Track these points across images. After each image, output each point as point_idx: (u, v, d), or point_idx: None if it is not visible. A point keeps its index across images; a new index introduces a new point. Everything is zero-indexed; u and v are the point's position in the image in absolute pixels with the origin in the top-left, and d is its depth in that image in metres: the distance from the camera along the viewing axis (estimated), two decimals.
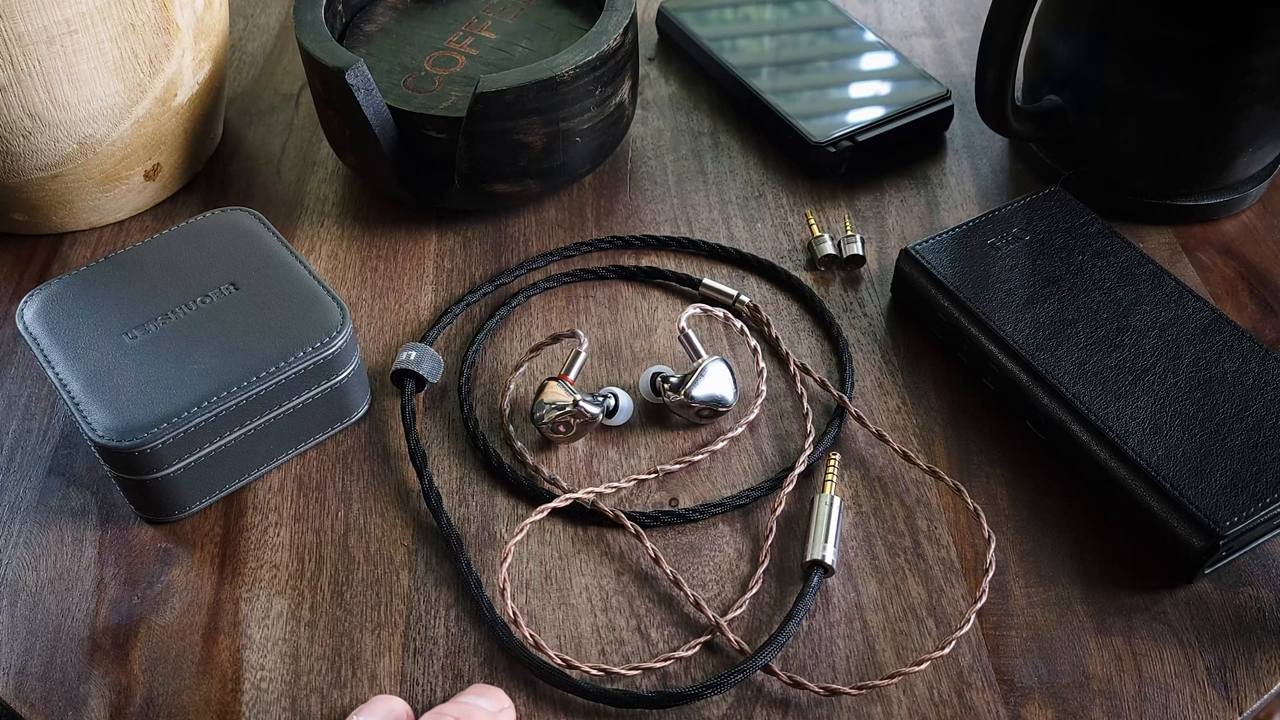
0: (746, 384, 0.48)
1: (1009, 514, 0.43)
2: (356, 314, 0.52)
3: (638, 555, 0.42)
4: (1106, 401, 0.43)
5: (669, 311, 0.51)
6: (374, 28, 0.58)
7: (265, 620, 0.40)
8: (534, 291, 0.52)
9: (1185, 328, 0.46)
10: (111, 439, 0.39)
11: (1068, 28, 0.52)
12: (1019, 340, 0.45)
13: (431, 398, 0.48)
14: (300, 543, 0.43)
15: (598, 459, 0.45)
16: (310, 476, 0.45)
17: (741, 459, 0.45)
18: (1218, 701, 0.38)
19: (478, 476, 0.45)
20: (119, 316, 0.43)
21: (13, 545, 0.43)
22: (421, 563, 0.42)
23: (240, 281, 0.45)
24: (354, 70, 0.49)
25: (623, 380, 0.48)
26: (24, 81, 0.48)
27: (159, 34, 0.51)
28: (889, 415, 0.47)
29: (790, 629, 0.39)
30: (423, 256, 0.54)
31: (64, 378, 0.41)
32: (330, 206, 0.57)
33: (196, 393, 0.41)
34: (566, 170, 0.53)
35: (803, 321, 0.51)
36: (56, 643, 0.40)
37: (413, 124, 0.52)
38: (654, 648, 0.40)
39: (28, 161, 0.51)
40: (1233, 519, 0.39)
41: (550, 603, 0.41)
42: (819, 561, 0.40)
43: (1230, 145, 0.52)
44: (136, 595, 0.41)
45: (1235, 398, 0.43)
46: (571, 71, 0.49)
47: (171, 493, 0.42)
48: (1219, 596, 0.41)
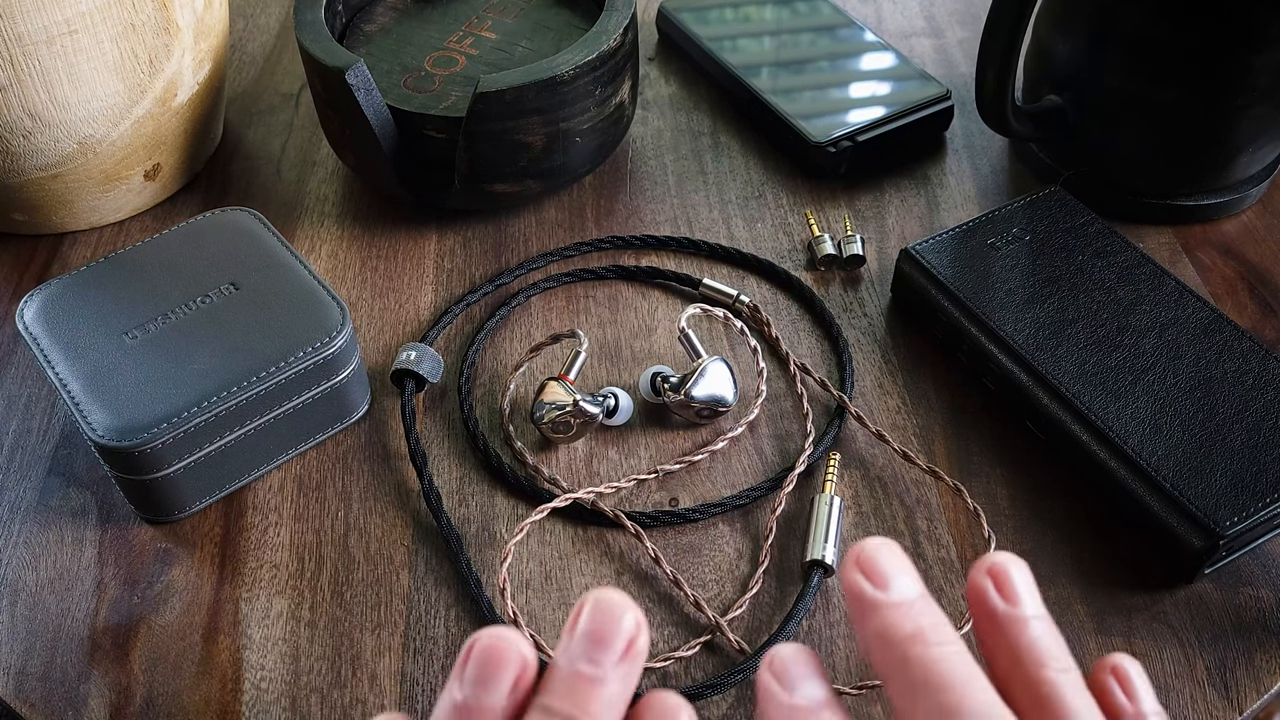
0: (746, 384, 0.48)
1: (1009, 514, 0.43)
2: (356, 314, 0.52)
3: (638, 555, 0.42)
4: (1106, 401, 0.43)
5: (669, 311, 0.51)
6: (374, 28, 0.58)
7: (265, 620, 0.40)
8: (534, 291, 0.52)
9: (1185, 328, 0.46)
10: (111, 439, 0.39)
11: (1068, 28, 0.52)
12: (1019, 340, 0.45)
13: (431, 398, 0.48)
14: (300, 543, 0.43)
15: (598, 459, 0.45)
16: (310, 476, 0.45)
17: (741, 459, 0.45)
18: (1218, 701, 0.38)
19: (478, 476, 0.45)
20: (119, 316, 0.43)
21: (13, 545, 0.43)
22: (421, 563, 0.42)
23: (240, 281, 0.45)
24: (354, 70, 0.49)
25: (623, 380, 0.48)
26: (24, 81, 0.48)
27: (159, 34, 0.51)
28: (889, 415, 0.47)
29: (790, 629, 0.39)
30: (423, 256, 0.54)
31: (64, 378, 0.41)
32: (330, 206, 0.57)
33: (196, 393, 0.41)
34: (566, 170, 0.53)
35: (803, 321, 0.51)
36: (56, 643, 0.40)
37: (413, 124, 0.52)
38: (654, 648, 0.40)
39: (28, 161, 0.51)
40: (1233, 519, 0.39)
41: (550, 603, 0.41)
42: (819, 561, 0.40)
43: (1230, 145, 0.52)
44: (136, 595, 0.41)
45: (1235, 398, 0.43)
46: (571, 71, 0.49)
47: (171, 493, 0.42)
48: (1219, 596, 0.41)
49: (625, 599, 0.26)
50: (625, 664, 0.25)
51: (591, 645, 0.25)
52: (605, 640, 0.25)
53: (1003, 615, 0.27)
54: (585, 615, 0.25)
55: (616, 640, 0.25)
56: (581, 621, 0.25)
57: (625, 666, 0.25)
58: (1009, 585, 0.27)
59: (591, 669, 0.25)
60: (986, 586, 0.27)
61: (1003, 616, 0.27)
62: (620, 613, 0.25)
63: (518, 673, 0.25)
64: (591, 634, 0.25)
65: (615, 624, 0.25)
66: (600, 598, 0.26)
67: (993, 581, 0.27)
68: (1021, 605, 0.27)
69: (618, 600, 0.26)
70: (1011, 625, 0.27)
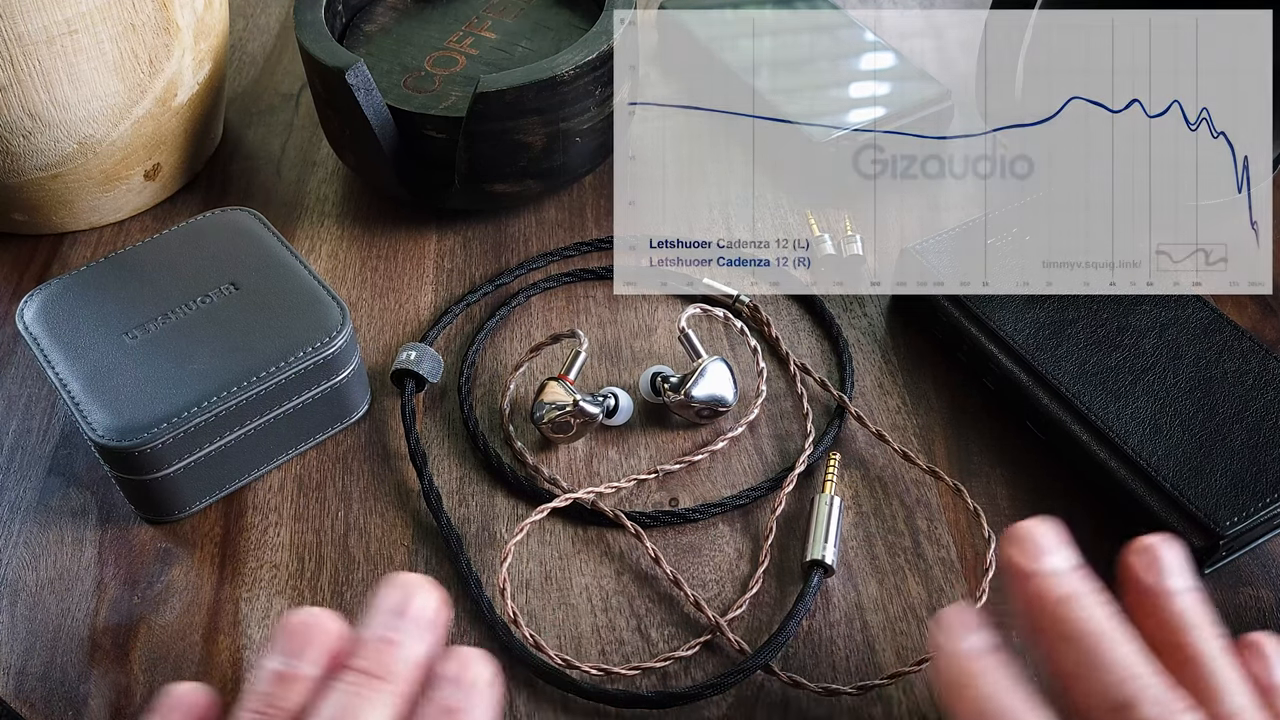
0: (746, 384, 0.48)
1: (1009, 514, 0.43)
2: (356, 314, 0.52)
3: (638, 555, 0.42)
4: (1106, 401, 0.43)
5: (669, 311, 0.51)
6: (374, 28, 0.58)
7: (265, 620, 0.40)
8: (534, 291, 0.52)
9: (1185, 328, 0.46)
10: (111, 439, 0.39)
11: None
12: (1019, 340, 0.45)
13: (431, 398, 0.48)
14: (300, 543, 0.43)
15: (598, 459, 0.45)
16: (310, 476, 0.45)
17: (741, 459, 0.45)
18: None
19: (478, 476, 0.45)
20: (119, 316, 0.43)
21: (13, 545, 0.43)
22: (421, 563, 0.42)
23: (240, 281, 0.45)
24: (354, 70, 0.49)
25: (623, 380, 0.48)
26: (24, 81, 0.48)
27: (159, 34, 0.51)
28: (889, 415, 0.47)
29: (790, 629, 0.39)
30: (423, 256, 0.54)
31: (64, 378, 0.41)
32: (330, 206, 0.57)
33: (196, 393, 0.41)
34: (566, 170, 0.53)
35: (803, 321, 0.51)
36: (56, 643, 0.40)
37: (413, 124, 0.52)
38: (654, 648, 0.40)
39: (28, 161, 0.51)
40: (1233, 519, 0.39)
41: (550, 603, 0.41)
42: (819, 561, 0.40)
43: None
44: (136, 595, 0.41)
45: (1235, 398, 0.43)
46: (571, 71, 0.49)
47: (171, 493, 0.42)
48: (1219, 596, 0.41)
49: (422, 578, 0.31)
50: (420, 629, 0.30)
51: (390, 615, 0.30)
52: (402, 611, 0.30)
53: (1151, 587, 0.30)
54: (384, 592, 0.30)
55: (411, 609, 0.30)
56: (381, 597, 0.30)
57: (420, 631, 0.30)
58: (1157, 561, 0.30)
59: (390, 634, 0.30)
60: (1136, 563, 0.30)
61: (1151, 589, 0.30)
62: (415, 588, 0.31)
63: (329, 643, 0.30)
64: (390, 606, 0.30)
65: (411, 598, 0.30)
66: (397, 577, 0.31)
67: (1142, 558, 0.30)
68: (1169, 577, 0.30)
69: (414, 579, 0.31)
70: (1159, 598, 0.29)
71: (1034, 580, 0.29)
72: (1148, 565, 0.30)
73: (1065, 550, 0.30)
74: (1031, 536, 0.30)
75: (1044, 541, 0.30)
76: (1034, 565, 0.29)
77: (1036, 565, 0.29)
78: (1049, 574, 0.29)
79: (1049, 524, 0.31)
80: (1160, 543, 0.30)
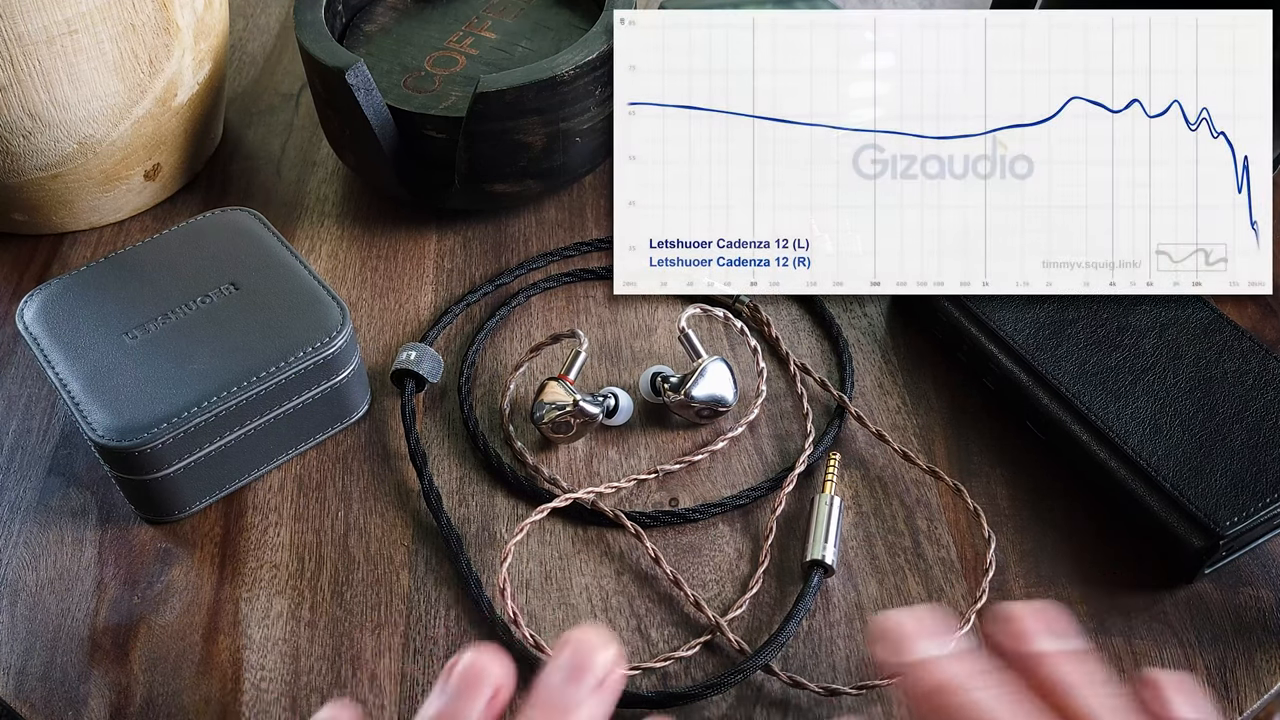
0: (746, 384, 0.48)
1: (1009, 514, 0.43)
2: (356, 314, 0.52)
3: (638, 555, 0.42)
4: (1106, 401, 0.43)
5: (669, 311, 0.51)
6: (374, 28, 0.58)
7: (265, 620, 0.40)
8: (534, 291, 0.52)
9: (1185, 328, 0.46)
10: (111, 439, 0.39)
11: None
12: (1019, 340, 0.45)
13: (431, 398, 0.48)
14: (300, 543, 0.43)
15: (598, 459, 0.45)
16: (310, 476, 0.45)
17: (741, 459, 0.45)
18: (1218, 701, 0.38)
19: (478, 476, 0.45)
20: (119, 316, 0.43)
21: (13, 545, 0.43)
22: (421, 563, 0.42)
23: (240, 281, 0.45)
24: (354, 70, 0.49)
25: (623, 380, 0.48)
26: (24, 81, 0.48)
27: (159, 34, 0.51)
28: (889, 415, 0.47)
29: (790, 629, 0.39)
30: (423, 256, 0.54)
31: (64, 378, 0.41)
32: (330, 206, 0.57)
33: (196, 393, 0.41)
34: (566, 170, 0.53)
35: (803, 321, 0.51)
36: (56, 643, 0.40)
37: (413, 124, 0.52)
38: (654, 648, 0.40)
39: (28, 161, 0.51)
40: (1233, 519, 0.39)
41: (550, 603, 0.41)
42: (819, 561, 0.40)
43: None
44: (136, 595, 0.41)
45: (1235, 398, 0.43)
46: (571, 71, 0.49)
47: (171, 493, 0.42)
48: (1219, 596, 0.41)
49: (605, 636, 0.29)
50: (599, 694, 0.28)
51: (571, 673, 0.28)
52: (583, 670, 0.28)
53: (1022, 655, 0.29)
54: (568, 647, 0.28)
55: (593, 671, 0.28)
56: (565, 652, 0.28)
57: (599, 696, 0.28)
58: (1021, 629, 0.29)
59: (569, 694, 0.28)
60: (996, 632, 0.30)
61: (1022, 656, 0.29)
62: (599, 648, 0.28)
63: (496, 687, 0.28)
64: (572, 664, 0.28)
65: (593, 657, 0.28)
66: (583, 635, 0.29)
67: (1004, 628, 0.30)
68: (1036, 641, 0.29)
69: (598, 637, 0.29)
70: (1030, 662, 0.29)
71: (905, 673, 0.29)
72: (1013, 635, 0.29)
73: (931, 636, 0.29)
74: (897, 630, 0.29)
75: (908, 632, 0.29)
76: (899, 659, 0.29)
77: (901, 659, 0.29)
78: (917, 666, 0.29)
79: (914, 612, 0.30)
80: (1022, 610, 0.30)
